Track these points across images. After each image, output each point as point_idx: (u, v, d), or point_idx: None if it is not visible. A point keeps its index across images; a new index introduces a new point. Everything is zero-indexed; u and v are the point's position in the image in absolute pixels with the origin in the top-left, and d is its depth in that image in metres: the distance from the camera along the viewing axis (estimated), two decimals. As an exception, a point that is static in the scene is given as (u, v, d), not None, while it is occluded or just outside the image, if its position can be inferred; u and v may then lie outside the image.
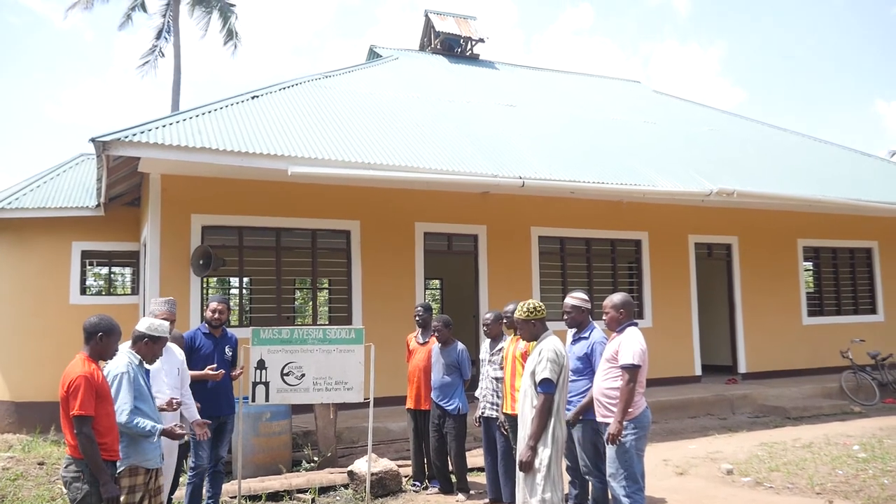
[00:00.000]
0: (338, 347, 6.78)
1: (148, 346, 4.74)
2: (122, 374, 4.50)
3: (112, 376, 4.48)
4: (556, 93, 16.27)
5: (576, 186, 10.55)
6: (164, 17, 23.71)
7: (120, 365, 4.54)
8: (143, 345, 4.74)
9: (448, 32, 16.90)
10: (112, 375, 4.49)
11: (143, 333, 4.74)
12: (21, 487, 7.61)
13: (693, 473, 7.69)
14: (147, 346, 4.74)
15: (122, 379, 4.48)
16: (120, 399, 4.42)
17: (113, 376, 4.48)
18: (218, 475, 6.30)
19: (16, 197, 12.02)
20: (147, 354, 4.76)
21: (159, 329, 4.80)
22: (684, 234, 13.17)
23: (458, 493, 7.03)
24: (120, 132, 8.39)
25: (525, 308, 5.35)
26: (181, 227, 9.61)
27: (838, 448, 8.63)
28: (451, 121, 12.12)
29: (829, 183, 13.61)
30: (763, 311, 13.66)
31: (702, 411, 11.20)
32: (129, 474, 4.47)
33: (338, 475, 7.45)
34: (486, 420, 6.76)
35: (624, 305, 5.42)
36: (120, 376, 4.48)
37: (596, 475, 5.79)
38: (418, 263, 11.03)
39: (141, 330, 4.76)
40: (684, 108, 17.65)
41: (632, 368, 5.07)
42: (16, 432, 11.24)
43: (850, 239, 14.89)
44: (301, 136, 9.63)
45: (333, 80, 12.78)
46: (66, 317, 11.50)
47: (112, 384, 4.45)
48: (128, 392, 4.46)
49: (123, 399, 4.43)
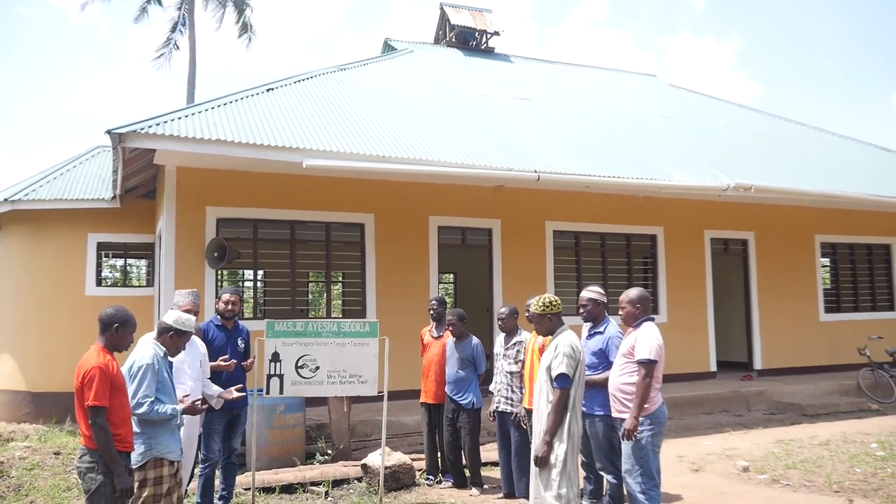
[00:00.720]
0: (352, 340, 6.76)
1: (173, 339, 4.76)
2: (148, 364, 4.51)
3: (137, 367, 4.50)
4: (571, 86, 16.17)
5: (591, 180, 10.47)
6: (180, 9, 23.75)
7: (146, 356, 4.55)
8: (168, 337, 4.75)
9: (463, 25, 16.82)
10: (137, 366, 4.50)
11: (169, 326, 4.76)
12: (38, 477, 7.67)
13: (708, 470, 7.63)
14: (172, 339, 4.76)
15: (146, 370, 4.49)
16: (143, 389, 4.43)
17: (138, 367, 4.49)
18: (231, 467, 6.31)
19: (32, 189, 12.09)
20: (171, 347, 4.78)
21: (186, 323, 4.82)
22: (700, 229, 13.06)
23: (471, 488, 7.01)
24: (136, 124, 8.40)
25: (541, 302, 5.30)
26: (196, 220, 9.62)
27: (856, 446, 8.53)
28: (466, 114, 12.06)
29: (846, 178, 13.45)
30: (779, 307, 13.54)
31: (717, 408, 11.12)
32: (154, 465, 4.48)
33: (351, 468, 7.44)
34: (501, 414, 6.73)
35: (640, 300, 5.37)
36: (145, 367, 4.49)
37: (611, 471, 5.77)
38: (432, 257, 11.00)
39: (167, 322, 4.78)
40: (700, 103, 17.49)
41: (648, 364, 5.03)
42: (32, 422, 11.33)
43: (868, 235, 14.72)
44: (316, 129, 9.61)
45: (348, 73, 12.75)
46: (81, 308, 11.56)
47: (137, 374, 4.46)
48: (152, 383, 4.47)
49: (147, 390, 4.44)
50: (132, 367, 4.50)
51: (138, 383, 4.44)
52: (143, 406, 4.40)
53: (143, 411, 4.40)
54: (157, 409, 4.44)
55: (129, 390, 4.44)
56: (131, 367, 4.51)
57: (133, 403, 4.41)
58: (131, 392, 4.43)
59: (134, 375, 4.47)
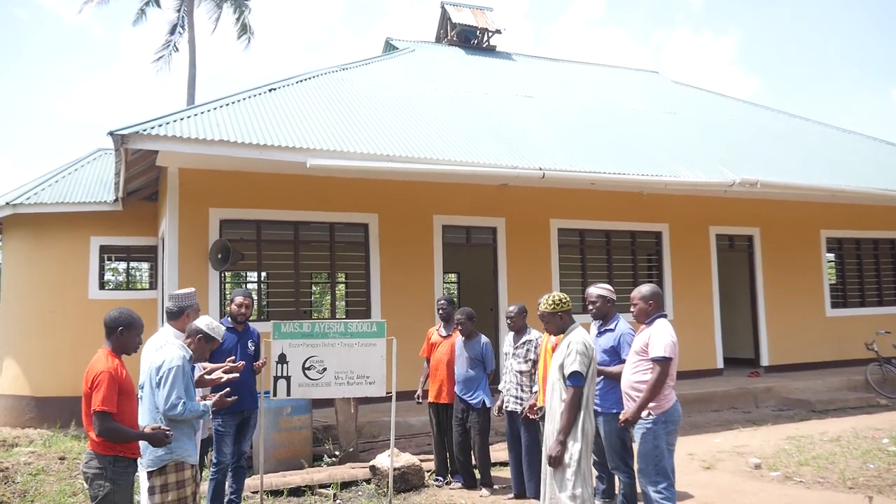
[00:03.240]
0: (359, 341, 6.69)
1: (200, 342, 4.74)
2: (179, 367, 4.46)
3: (167, 368, 4.44)
4: (573, 84, 16.10)
5: (596, 178, 10.41)
6: (178, 11, 23.71)
7: (175, 357, 4.51)
8: (197, 340, 4.74)
9: (464, 24, 16.76)
10: (167, 367, 4.44)
11: (199, 329, 4.75)
12: (43, 482, 7.60)
13: (720, 468, 7.56)
14: (199, 343, 4.74)
15: (177, 372, 4.44)
16: (176, 391, 4.39)
17: (168, 368, 4.44)
18: (241, 470, 6.24)
19: (34, 192, 12.04)
20: (198, 351, 4.75)
21: (216, 330, 4.81)
22: (705, 225, 12.99)
23: (481, 488, 6.94)
24: (138, 125, 8.35)
25: (550, 300, 5.20)
26: (199, 221, 9.56)
27: (867, 441, 8.46)
28: (469, 112, 12.00)
29: (851, 172, 13.39)
30: (785, 303, 13.47)
31: (725, 405, 11.05)
32: (176, 469, 4.43)
33: (359, 470, 7.38)
34: (510, 414, 6.67)
35: (653, 297, 5.30)
36: (176, 369, 4.44)
37: (623, 470, 5.70)
38: (437, 256, 10.94)
39: (199, 325, 4.77)
40: (703, 99, 17.43)
41: (663, 361, 4.95)
42: (37, 427, 11.27)
43: (874, 230, 14.65)
44: (319, 129, 9.55)
45: (350, 73, 12.69)
46: (84, 311, 11.51)
47: (168, 377, 4.41)
48: (181, 385, 4.43)
49: (179, 391, 4.40)
50: (161, 368, 4.44)
51: (171, 386, 4.39)
52: (177, 407, 4.37)
53: (179, 411, 4.36)
54: (191, 406, 4.43)
55: (160, 392, 4.40)
56: (160, 367, 4.45)
57: (167, 406, 4.37)
58: (164, 394, 4.38)
59: (164, 378, 4.41)
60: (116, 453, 4.12)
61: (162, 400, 4.38)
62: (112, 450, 4.11)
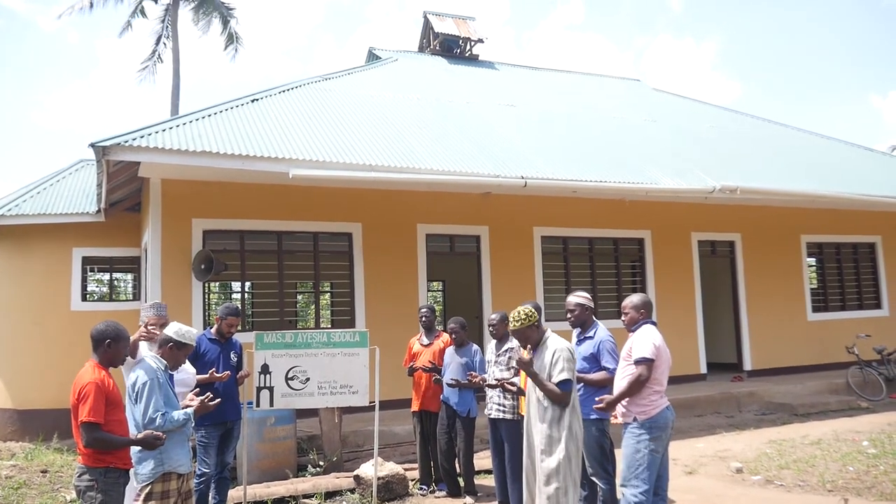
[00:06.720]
0: (342, 351, 6.72)
1: (172, 351, 4.69)
2: (150, 380, 4.43)
3: (140, 384, 4.42)
4: (556, 92, 16.22)
5: (578, 185, 10.49)
6: (163, 22, 23.65)
7: (146, 371, 4.48)
8: (168, 349, 4.68)
9: (447, 33, 16.86)
10: (140, 383, 4.42)
11: (168, 338, 4.70)
12: (25, 496, 7.55)
13: (702, 472, 7.63)
14: (171, 352, 4.69)
15: (150, 386, 4.41)
16: (152, 405, 4.37)
17: (141, 383, 4.42)
18: (224, 481, 6.24)
19: (16, 203, 11.97)
20: (171, 360, 4.71)
21: (186, 336, 4.74)
22: (687, 231, 13.11)
23: (465, 497, 6.96)
24: (120, 136, 8.34)
25: (520, 317, 5.14)
26: (182, 232, 9.55)
27: (847, 444, 8.56)
28: (452, 121, 12.06)
29: (831, 178, 13.56)
30: (767, 307, 13.60)
31: (708, 409, 11.14)
32: (162, 480, 4.41)
33: (344, 480, 7.38)
34: (494, 422, 6.69)
35: (644, 305, 5.37)
36: (148, 383, 4.42)
37: (603, 476, 5.72)
38: (421, 265, 10.97)
39: (167, 334, 4.72)
40: (685, 106, 17.60)
41: (644, 361, 5.01)
42: (19, 440, 11.16)
43: (854, 234, 14.84)
44: (302, 139, 9.58)
45: (333, 83, 12.73)
46: (67, 323, 11.44)
47: (142, 393, 4.39)
48: (159, 397, 4.42)
49: (156, 404, 4.38)
50: (136, 385, 4.43)
51: (146, 401, 4.37)
52: (155, 420, 4.34)
53: (158, 424, 4.34)
54: (169, 418, 4.40)
55: (137, 409, 4.39)
56: (134, 383, 4.44)
57: (146, 421, 4.35)
58: (140, 411, 4.37)
59: (139, 393, 4.39)
60: (107, 464, 4.12)
61: (140, 416, 4.38)
62: (102, 461, 4.11)
